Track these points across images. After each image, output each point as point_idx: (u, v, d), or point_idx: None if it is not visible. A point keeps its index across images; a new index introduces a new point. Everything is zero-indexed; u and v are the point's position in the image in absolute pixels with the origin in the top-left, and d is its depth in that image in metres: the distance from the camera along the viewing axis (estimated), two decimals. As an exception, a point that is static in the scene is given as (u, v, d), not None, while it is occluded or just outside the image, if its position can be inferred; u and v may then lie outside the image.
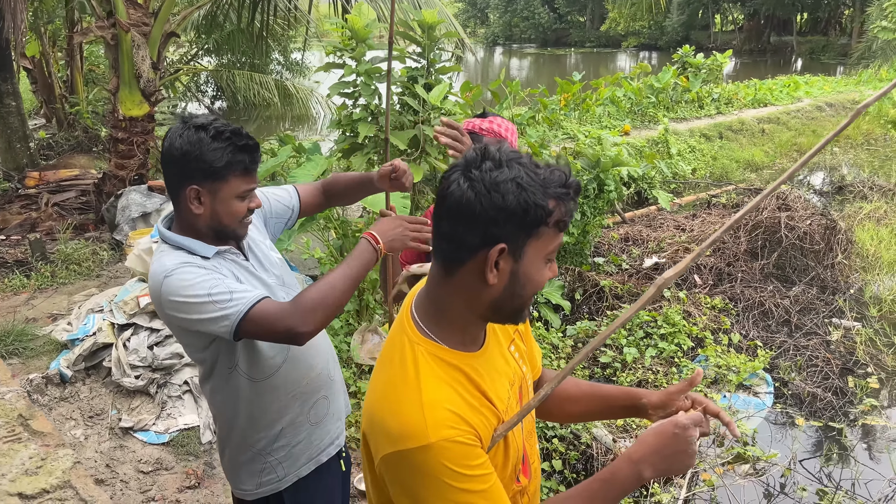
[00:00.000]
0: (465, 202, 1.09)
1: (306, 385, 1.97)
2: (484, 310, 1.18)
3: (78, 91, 12.63)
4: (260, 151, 1.80)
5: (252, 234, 1.95)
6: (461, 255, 1.13)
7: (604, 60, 37.60)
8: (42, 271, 5.56)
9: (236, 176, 1.74)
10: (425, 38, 5.33)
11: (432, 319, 1.21)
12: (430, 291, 1.22)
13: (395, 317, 2.18)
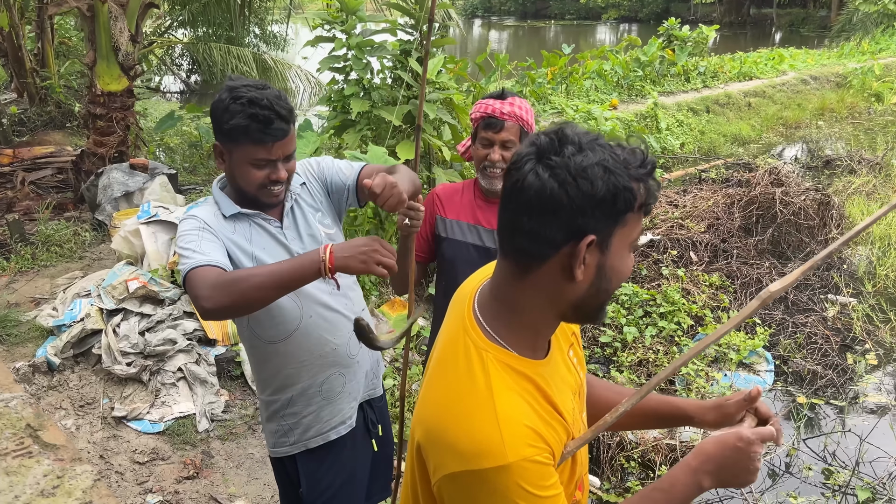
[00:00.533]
0: (548, 193, 0.99)
1: (319, 358, 1.97)
2: (564, 310, 1.09)
3: (49, 65, 12.20)
4: (284, 124, 1.76)
5: (303, 202, 1.99)
6: (542, 251, 1.03)
7: (584, 33, 37.31)
8: (22, 253, 5.36)
9: (247, 142, 1.76)
10: (418, 10, 5.16)
11: (502, 323, 1.11)
12: (499, 292, 1.12)
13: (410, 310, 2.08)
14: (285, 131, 1.76)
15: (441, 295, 2.46)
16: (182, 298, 4.18)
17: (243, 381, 4.08)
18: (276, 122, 1.74)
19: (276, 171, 1.81)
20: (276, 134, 1.75)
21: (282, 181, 1.83)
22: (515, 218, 1.04)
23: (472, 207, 2.37)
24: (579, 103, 9.54)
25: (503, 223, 1.08)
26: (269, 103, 1.72)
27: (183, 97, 16.75)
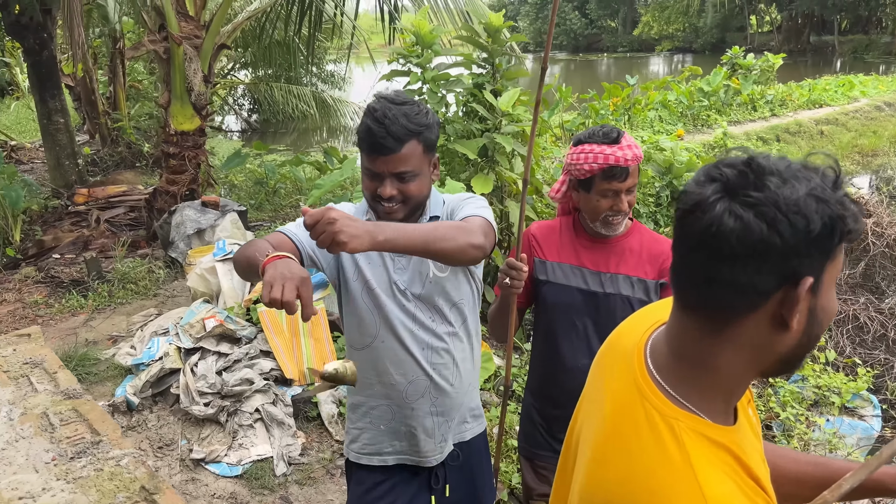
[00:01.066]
0: (756, 236, 0.84)
1: (378, 383, 1.95)
2: (770, 364, 0.93)
3: (121, 107, 12.65)
4: (393, 141, 1.71)
5: None
6: (748, 302, 0.88)
7: (637, 65, 37.09)
8: (99, 291, 5.41)
9: (363, 149, 1.76)
10: (491, 43, 5.08)
11: (691, 385, 0.95)
12: (685, 349, 0.96)
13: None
14: (391, 149, 1.71)
15: (541, 340, 2.30)
16: (258, 337, 4.11)
17: (320, 422, 3.96)
18: (385, 139, 1.71)
19: (383, 186, 1.76)
20: (381, 149, 1.72)
21: (386, 197, 1.76)
22: (710, 267, 0.88)
23: (573, 248, 2.20)
24: (645, 134, 9.33)
25: (689, 274, 0.93)
26: (384, 117, 1.70)
27: (244, 136, 17.14)
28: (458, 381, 1.97)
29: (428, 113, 1.77)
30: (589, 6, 47.21)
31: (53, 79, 8.58)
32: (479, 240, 1.66)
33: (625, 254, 2.14)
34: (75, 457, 1.43)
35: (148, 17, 6.42)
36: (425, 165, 1.79)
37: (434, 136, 1.79)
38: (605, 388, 1.09)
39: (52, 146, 8.71)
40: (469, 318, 1.97)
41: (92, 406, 1.62)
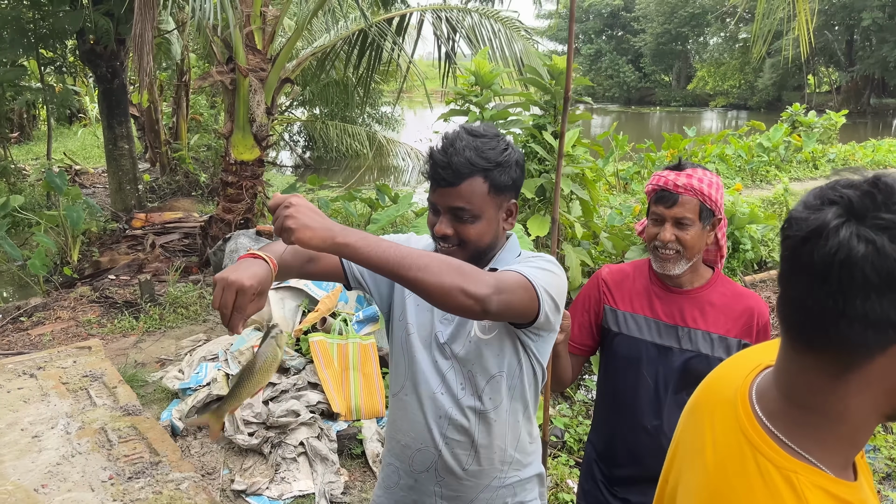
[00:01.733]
0: (890, 263, 0.74)
1: (393, 441, 1.77)
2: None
3: (182, 138, 13.03)
4: (450, 174, 1.51)
5: None
6: (882, 337, 0.77)
7: (689, 120, 36.90)
8: (150, 313, 5.44)
9: (430, 183, 1.58)
10: (553, 84, 5.05)
11: (808, 433, 0.84)
12: (801, 394, 0.85)
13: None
14: (449, 181, 1.52)
15: (608, 395, 2.11)
16: (307, 368, 4.05)
17: (364, 460, 3.84)
18: (444, 169, 1.52)
19: (438, 222, 1.57)
20: (440, 180, 1.54)
21: (439, 235, 1.57)
22: (838, 301, 0.78)
23: (647, 296, 2.01)
24: (703, 186, 9.15)
25: (809, 310, 0.81)
26: (451, 146, 1.53)
27: (297, 171, 17.45)
28: (473, 468, 1.66)
29: (507, 151, 1.56)
30: (643, 60, 47.38)
31: (122, 106, 8.87)
32: (477, 289, 1.32)
33: (704, 308, 1.94)
34: (133, 477, 1.35)
35: (217, 49, 6.59)
36: (491, 208, 1.56)
37: (508, 178, 1.56)
38: (705, 440, 0.97)
39: (115, 171, 8.94)
40: (507, 400, 1.64)
41: (151, 424, 1.56)
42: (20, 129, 18.23)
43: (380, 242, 1.30)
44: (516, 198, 1.62)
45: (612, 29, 50.87)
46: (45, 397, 1.69)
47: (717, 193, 1.90)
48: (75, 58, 9.94)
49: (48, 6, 8.41)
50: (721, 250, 2.01)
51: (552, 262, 1.57)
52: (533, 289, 1.44)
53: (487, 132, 1.56)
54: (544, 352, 1.64)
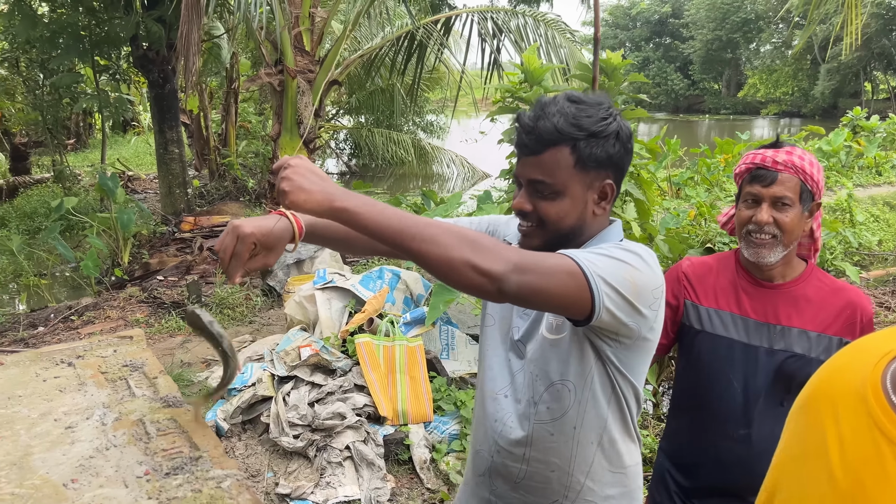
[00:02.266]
0: None
1: (471, 447, 1.60)
2: None
3: (230, 144, 13.21)
4: (531, 139, 1.31)
5: None
6: None
7: (740, 128, 36.03)
8: (197, 314, 5.42)
9: (516, 152, 1.39)
10: (607, 82, 4.87)
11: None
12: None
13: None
14: (531, 149, 1.32)
15: (686, 398, 1.93)
16: (353, 370, 3.93)
17: (411, 466, 3.71)
18: (528, 134, 1.32)
19: (517, 195, 1.38)
20: (521, 147, 1.35)
21: (515, 210, 1.38)
22: None
23: (734, 291, 1.81)
24: (760, 192, 8.84)
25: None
26: (541, 110, 1.32)
27: (343, 178, 17.56)
28: (527, 483, 1.46)
29: (606, 121, 1.30)
30: (692, 67, 46.61)
31: (173, 111, 8.98)
32: (490, 265, 1.14)
33: (800, 303, 1.74)
34: (171, 473, 1.25)
35: (266, 51, 6.60)
36: (577, 185, 1.32)
37: (603, 151, 1.31)
38: (826, 441, 0.80)
39: (166, 175, 9.05)
40: (573, 414, 1.39)
41: (192, 417, 1.50)
42: (76, 137, 18.77)
43: (385, 209, 1.15)
44: (615, 178, 1.36)
45: (659, 36, 50.21)
46: (83, 386, 1.61)
47: (819, 174, 1.70)
48: (129, 64, 10.13)
49: (103, 13, 8.58)
50: (815, 243, 1.81)
51: (634, 253, 1.29)
52: (582, 275, 1.20)
53: (589, 99, 1.32)
54: (632, 365, 1.37)
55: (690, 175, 9.37)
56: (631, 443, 1.47)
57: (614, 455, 1.44)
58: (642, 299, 1.27)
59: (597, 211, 1.36)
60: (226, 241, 1.26)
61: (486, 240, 1.18)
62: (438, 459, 3.66)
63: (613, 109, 1.33)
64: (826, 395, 0.85)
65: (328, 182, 1.17)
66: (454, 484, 3.51)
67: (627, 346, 1.33)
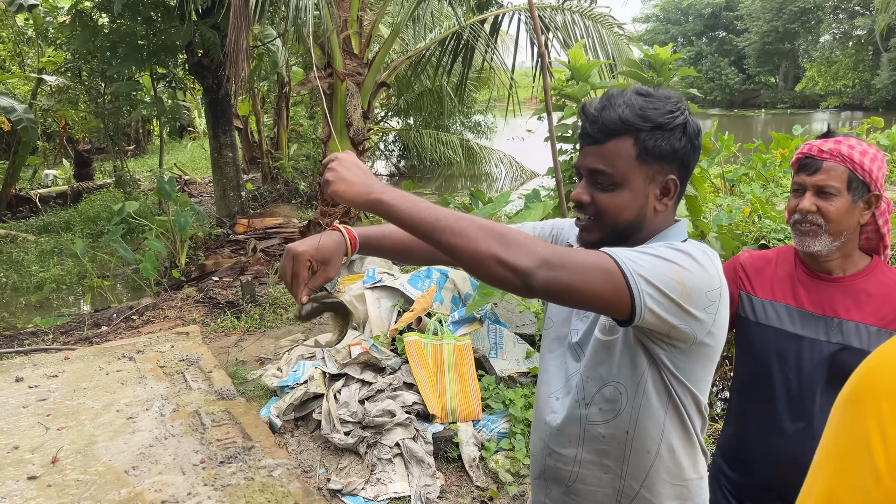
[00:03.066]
0: None
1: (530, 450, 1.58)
2: None
3: (282, 148, 13.46)
4: (593, 128, 1.29)
5: None
6: None
7: (798, 122, 35.03)
8: (251, 314, 5.55)
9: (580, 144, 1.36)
10: (656, 77, 4.80)
11: None
12: None
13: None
14: (594, 138, 1.29)
15: (740, 393, 1.89)
16: (403, 368, 3.98)
17: (460, 464, 3.72)
18: (590, 124, 1.29)
19: (577, 185, 1.35)
20: (584, 136, 1.32)
21: (574, 200, 1.34)
22: None
23: (791, 284, 1.78)
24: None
25: None
26: (608, 99, 1.29)
27: (391, 180, 17.70)
28: (579, 488, 1.44)
29: (673, 114, 1.27)
30: (746, 61, 45.43)
31: (227, 116, 9.21)
32: (518, 259, 1.13)
33: (860, 297, 1.69)
34: (225, 461, 1.30)
35: (315, 55, 6.71)
36: (638, 177, 1.28)
37: (668, 144, 1.27)
38: (870, 437, 0.78)
39: (220, 178, 9.29)
40: (625, 417, 1.36)
41: (246, 409, 1.54)
42: (136, 143, 19.41)
43: (418, 202, 1.18)
44: (679, 174, 1.31)
45: (713, 30, 49.08)
46: (143, 380, 1.68)
47: (873, 164, 1.65)
48: (184, 72, 10.43)
49: (160, 23, 8.86)
50: (884, 239, 1.75)
51: (685, 253, 1.22)
52: (619, 273, 1.15)
53: (658, 92, 1.29)
54: (691, 371, 1.31)
55: (745, 171, 9.15)
56: (694, 454, 1.41)
57: (674, 466, 1.39)
58: (693, 301, 1.21)
59: (658, 207, 1.32)
60: (284, 264, 1.32)
61: (517, 234, 1.16)
62: (487, 458, 3.66)
63: (683, 104, 1.29)
64: (869, 391, 0.83)
65: (369, 176, 1.21)
66: (503, 482, 3.51)
67: (683, 350, 1.28)
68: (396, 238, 1.50)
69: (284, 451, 1.57)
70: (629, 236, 1.33)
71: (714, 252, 1.30)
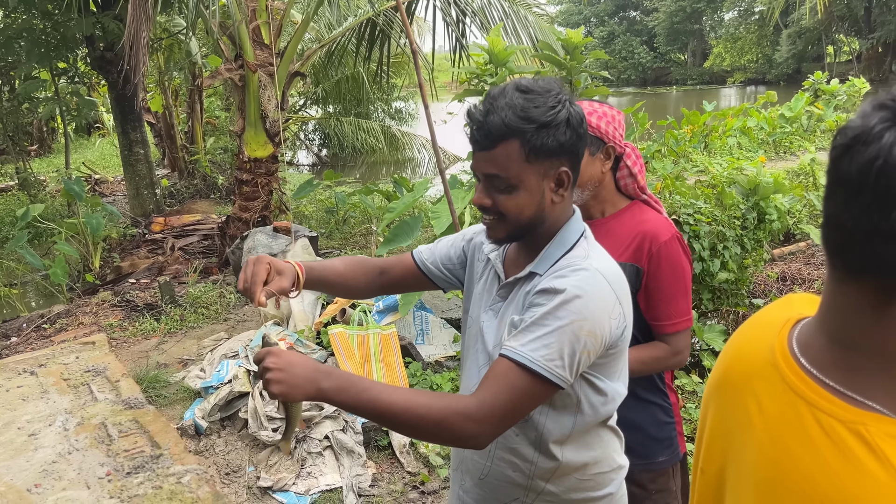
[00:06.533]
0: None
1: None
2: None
3: (197, 142, 13.05)
4: (481, 134, 1.31)
5: (534, 287, 1.38)
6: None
7: (707, 97, 36.31)
8: (171, 315, 5.41)
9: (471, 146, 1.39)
10: (569, 60, 4.91)
11: (867, 378, 0.74)
12: (851, 333, 0.75)
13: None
14: (482, 145, 1.31)
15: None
16: (329, 361, 3.96)
17: (391, 452, 3.76)
18: (478, 129, 1.31)
19: (476, 190, 1.39)
20: (473, 142, 1.34)
21: (476, 205, 1.38)
22: (871, 215, 0.69)
23: None
24: (724, 160, 8.94)
25: (842, 226, 0.72)
26: (491, 103, 1.30)
27: (314, 169, 17.46)
28: (490, 482, 1.49)
29: (555, 109, 1.29)
30: (657, 40, 46.78)
31: (135, 112, 8.87)
32: (465, 434, 1.24)
33: (608, 235, 1.82)
34: (132, 472, 1.27)
35: (225, 46, 6.53)
36: (531, 176, 1.32)
37: (554, 140, 1.30)
38: (750, 412, 0.85)
39: (132, 176, 8.96)
40: (536, 415, 1.39)
41: (154, 417, 1.50)
42: (39, 142, 18.43)
43: (359, 395, 1.23)
44: (570, 165, 1.35)
45: (623, 10, 50.27)
46: (45, 394, 1.62)
47: (600, 121, 1.85)
48: (87, 66, 9.96)
49: (58, 16, 8.42)
50: (637, 182, 1.92)
51: (575, 299, 1.28)
52: (543, 382, 1.26)
53: (538, 87, 1.31)
54: (606, 366, 1.39)
55: (658, 148, 9.45)
56: (603, 447, 1.48)
57: (578, 461, 1.44)
58: (607, 335, 1.32)
59: (555, 199, 1.37)
60: (245, 269, 1.40)
61: (442, 411, 1.23)
62: (418, 443, 3.71)
63: (563, 95, 1.32)
64: (739, 373, 0.89)
65: (308, 367, 1.26)
66: (434, 466, 3.56)
67: (600, 362, 1.37)
68: (336, 272, 1.59)
69: (194, 457, 1.55)
70: (533, 230, 1.39)
71: (601, 258, 1.39)
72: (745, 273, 5.56)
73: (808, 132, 11.80)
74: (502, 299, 1.46)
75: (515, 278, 1.43)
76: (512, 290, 1.44)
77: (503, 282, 1.46)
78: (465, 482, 1.55)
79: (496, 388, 1.25)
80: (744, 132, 10.88)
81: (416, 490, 3.45)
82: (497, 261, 1.49)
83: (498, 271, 1.49)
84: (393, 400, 1.22)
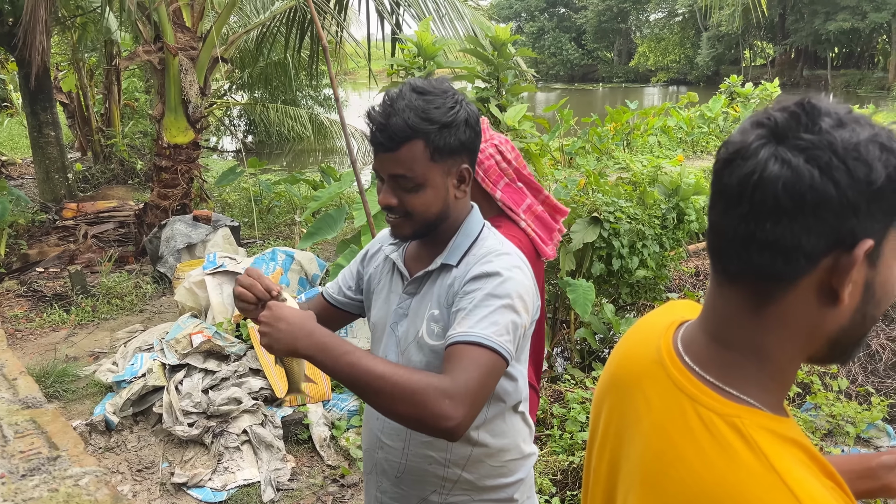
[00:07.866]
0: (806, 185, 0.70)
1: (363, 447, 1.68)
2: (818, 348, 0.79)
3: (115, 124, 12.52)
4: (384, 136, 1.34)
5: (450, 281, 1.44)
6: (794, 268, 0.74)
7: (631, 95, 37.35)
8: (83, 305, 5.19)
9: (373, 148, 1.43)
10: (497, 56, 4.96)
11: (742, 375, 0.80)
12: (729, 332, 0.81)
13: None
14: (386, 146, 1.35)
15: None
16: (248, 354, 3.90)
17: (310, 445, 3.73)
18: (381, 132, 1.35)
19: (381, 191, 1.43)
20: (377, 145, 1.38)
21: (383, 205, 1.42)
22: (750, 225, 0.74)
23: None
24: (648, 157, 9.24)
25: (722, 234, 0.78)
26: (390, 106, 1.35)
27: (239, 156, 17.03)
28: (406, 479, 1.53)
29: (454, 109, 1.36)
30: (585, 37, 47.73)
31: (45, 91, 8.44)
32: (449, 410, 1.21)
33: None
34: (28, 474, 1.23)
35: (143, 27, 6.29)
36: (436, 175, 1.38)
37: (455, 140, 1.37)
38: (639, 410, 0.90)
39: (42, 159, 8.53)
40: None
41: (53, 417, 1.44)
42: (-60, 121, 17.29)
43: (338, 359, 1.24)
44: (470, 162, 1.43)
45: (553, 6, 51.04)
46: (-66, 395, 1.53)
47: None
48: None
49: (-40, -14, 7.92)
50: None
51: (508, 281, 1.36)
52: (499, 357, 1.29)
53: (435, 88, 1.37)
54: (517, 353, 1.45)
55: (582, 144, 9.68)
56: (514, 434, 1.53)
57: (494, 449, 1.50)
58: (532, 312, 1.42)
59: (458, 194, 1.44)
60: (239, 281, 1.40)
61: (424, 388, 1.22)
62: (338, 436, 3.70)
63: (459, 95, 1.39)
64: (629, 373, 0.94)
65: (295, 326, 1.27)
66: (354, 459, 3.56)
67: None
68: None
69: (93, 458, 1.49)
70: (438, 225, 1.45)
71: (513, 246, 1.48)
72: (663, 270, 5.78)
73: (724, 133, 12.32)
74: (410, 296, 1.49)
75: (426, 272, 1.47)
76: (422, 284, 1.48)
77: (409, 279, 1.50)
78: (382, 483, 1.57)
79: (464, 368, 1.26)
80: (664, 131, 11.27)
81: (335, 483, 3.45)
82: (398, 260, 1.53)
83: (400, 269, 1.52)
84: (371, 366, 1.23)
